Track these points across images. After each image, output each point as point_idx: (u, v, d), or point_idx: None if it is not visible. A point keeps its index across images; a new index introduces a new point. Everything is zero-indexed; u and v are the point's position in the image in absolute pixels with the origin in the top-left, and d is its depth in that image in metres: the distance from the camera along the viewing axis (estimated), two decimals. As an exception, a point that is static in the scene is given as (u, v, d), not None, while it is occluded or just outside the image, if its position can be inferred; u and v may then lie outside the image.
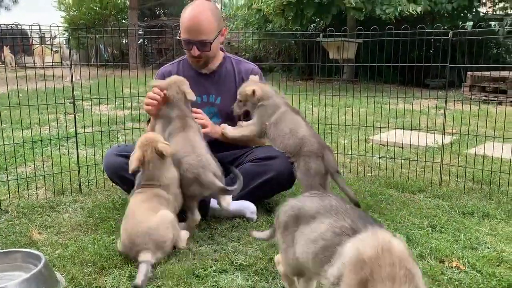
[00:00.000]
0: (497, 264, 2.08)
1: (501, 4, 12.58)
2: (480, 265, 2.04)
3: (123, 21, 19.95)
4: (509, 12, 13.31)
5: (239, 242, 2.30)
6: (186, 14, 2.59)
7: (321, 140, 2.61)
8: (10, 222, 2.57)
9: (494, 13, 13.50)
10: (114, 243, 2.25)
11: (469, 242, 2.30)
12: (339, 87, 5.74)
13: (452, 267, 2.05)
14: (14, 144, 3.80)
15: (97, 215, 2.66)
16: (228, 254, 2.16)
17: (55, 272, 1.94)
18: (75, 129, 3.20)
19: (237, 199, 2.59)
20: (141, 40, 16.48)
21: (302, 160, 2.52)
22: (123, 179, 2.56)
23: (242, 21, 13.67)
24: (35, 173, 3.42)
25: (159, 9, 22.21)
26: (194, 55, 2.65)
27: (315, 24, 13.92)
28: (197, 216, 2.38)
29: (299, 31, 9.97)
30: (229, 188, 2.33)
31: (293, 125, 2.57)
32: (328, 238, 1.42)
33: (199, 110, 2.64)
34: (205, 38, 2.58)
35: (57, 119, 4.05)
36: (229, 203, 2.46)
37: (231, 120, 2.76)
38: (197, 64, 2.73)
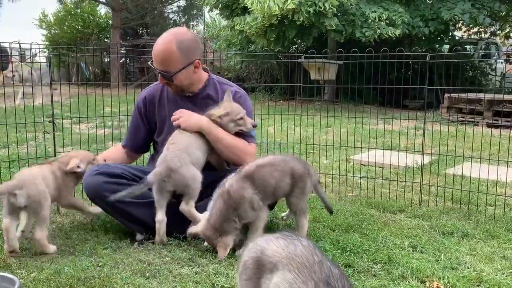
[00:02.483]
0: (477, 284, 2.10)
1: (475, 29, 13.02)
2: (461, 285, 2.06)
3: (106, 40, 19.93)
4: (483, 37, 13.78)
5: (220, 263, 2.27)
6: (156, 43, 2.60)
7: (298, 159, 2.66)
8: (-17, 244, 2.48)
9: (469, 37, 13.96)
10: (92, 265, 2.19)
11: (449, 262, 2.32)
12: (320, 107, 5.81)
13: (433, 288, 2.06)
14: (-10, 163, 3.70)
15: (74, 237, 2.59)
16: (209, 276, 2.12)
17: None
18: (54, 148, 3.14)
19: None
20: (123, 59, 16.45)
21: (296, 187, 2.48)
22: (103, 198, 2.50)
23: (225, 41, 13.80)
24: (11, 193, 3.32)
25: (142, 28, 22.30)
26: (159, 82, 2.69)
27: (296, 46, 14.14)
28: None
29: (281, 52, 10.11)
30: None
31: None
32: None
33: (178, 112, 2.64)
34: (166, 69, 2.58)
35: (35, 138, 3.98)
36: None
37: None
38: (170, 90, 2.73)
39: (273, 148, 4.92)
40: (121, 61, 15.84)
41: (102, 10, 21.36)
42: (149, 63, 2.68)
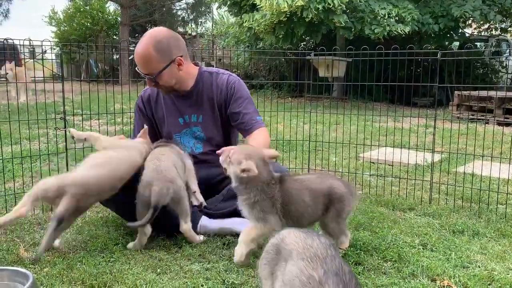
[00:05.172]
0: (488, 283, 2.09)
1: (485, 26, 12.89)
2: (472, 284, 2.05)
3: (114, 37, 20.03)
4: (494, 34, 13.64)
5: (230, 260, 2.28)
6: (136, 47, 2.57)
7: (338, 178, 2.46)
8: (-4, 239, 2.52)
9: (480, 34, 13.82)
10: (104, 261, 2.22)
11: (460, 260, 2.31)
12: (329, 104, 5.80)
13: (443, 286, 2.05)
14: (2, 159, 3.74)
15: (86, 232, 2.62)
16: (219, 272, 2.13)
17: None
18: (66, 145, 3.17)
19: (227, 217, 2.58)
20: (132, 56, 16.53)
21: (333, 209, 2.23)
22: (113, 202, 2.54)
23: (233, 38, 13.80)
24: (23, 189, 3.36)
25: (150, 25, 22.33)
26: (148, 85, 2.66)
27: (305, 43, 14.10)
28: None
29: (289, 49, 10.11)
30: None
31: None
32: (295, 286, 1.27)
33: None
34: (149, 72, 2.54)
35: (47, 134, 4.02)
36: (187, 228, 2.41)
37: (216, 136, 2.76)
38: (162, 91, 2.71)
39: (282, 145, 4.92)
40: (130, 58, 15.91)
41: (111, 7, 21.50)
42: (136, 69, 2.63)
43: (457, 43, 12.30)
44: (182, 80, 2.66)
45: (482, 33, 13.70)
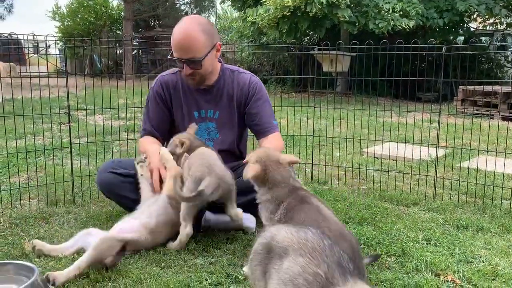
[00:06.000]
0: (492, 278, 2.09)
1: (491, 20, 12.78)
2: (476, 279, 2.05)
3: (118, 31, 20.03)
4: (499, 28, 13.53)
5: (234, 254, 2.29)
6: (175, 32, 2.46)
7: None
8: (2, 233, 2.53)
9: (484, 28, 13.72)
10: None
11: (464, 255, 2.31)
12: (333, 99, 5.79)
13: (447, 281, 2.05)
14: (7, 154, 3.76)
15: (90, 227, 2.63)
16: (223, 267, 2.14)
17: (48, 285, 1.91)
18: (70, 139, 3.18)
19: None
20: (135, 51, 16.52)
21: None
22: (116, 195, 2.59)
23: (237, 33, 13.76)
24: (28, 183, 3.38)
25: (154, 20, 22.33)
26: (186, 74, 2.54)
27: (308, 37, 14.04)
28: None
29: (293, 44, 10.08)
30: None
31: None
32: (299, 285, 1.24)
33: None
34: (194, 56, 2.45)
35: (51, 129, 4.03)
36: (237, 214, 2.38)
37: (229, 134, 2.74)
38: (192, 83, 2.61)
39: (286, 140, 4.92)
40: (133, 53, 15.91)
41: (114, 1, 21.49)
42: (168, 56, 2.56)
43: (462, 38, 12.21)
44: (213, 69, 2.63)
45: (487, 28, 13.59)
